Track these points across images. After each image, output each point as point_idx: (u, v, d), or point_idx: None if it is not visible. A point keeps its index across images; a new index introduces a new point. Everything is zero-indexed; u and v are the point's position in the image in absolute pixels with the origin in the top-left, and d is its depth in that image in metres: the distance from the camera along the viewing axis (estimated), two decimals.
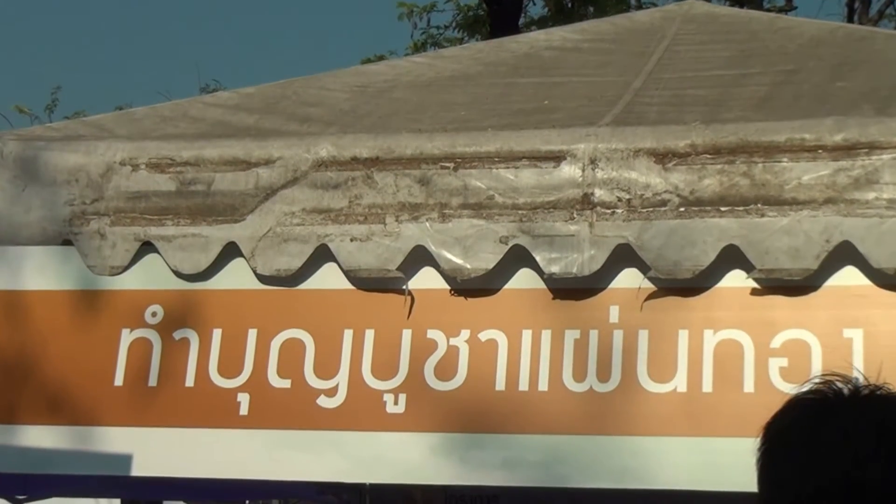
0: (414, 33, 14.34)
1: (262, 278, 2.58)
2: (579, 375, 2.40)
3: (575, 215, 2.41)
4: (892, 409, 1.45)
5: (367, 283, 2.53)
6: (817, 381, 1.48)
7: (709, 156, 2.36)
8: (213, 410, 2.55)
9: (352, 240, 2.51)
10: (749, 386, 2.32)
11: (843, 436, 1.41)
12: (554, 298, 2.45)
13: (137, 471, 2.58)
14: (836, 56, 3.10)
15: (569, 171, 2.43)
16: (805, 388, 1.48)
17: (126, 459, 2.58)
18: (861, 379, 1.48)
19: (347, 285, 2.55)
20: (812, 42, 3.27)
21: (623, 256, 2.39)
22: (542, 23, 12.60)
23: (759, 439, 1.48)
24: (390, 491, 5.47)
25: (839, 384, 1.46)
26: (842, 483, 1.38)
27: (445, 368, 2.47)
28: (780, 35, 3.36)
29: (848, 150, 2.30)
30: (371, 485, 5.35)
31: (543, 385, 2.41)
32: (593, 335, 2.42)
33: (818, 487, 1.39)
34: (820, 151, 2.31)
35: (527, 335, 2.45)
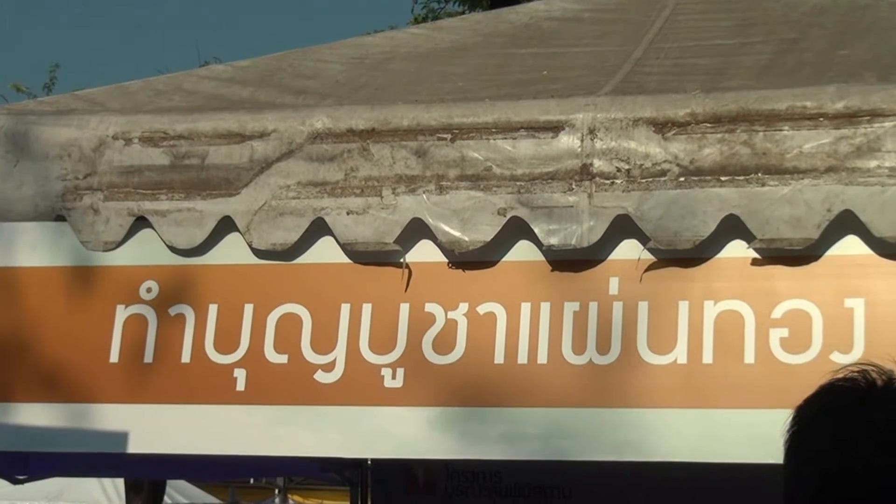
0: (415, 7, 14.27)
1: (258, 252, 2.55)
2: (579, 348, 2.38)
3: (574, 186, 2.38)
4: None
5: (364, 256, 2.51)
6: (853, 368, 1.50)
7: (709, 125, 2.33)
8: (209, 386, 2.53)
9: (348, 213, 2.48)
10: (750, 357, 2.30)
11: (869, 426, 1.43)
12: (553, 270, 2.43)
13: (134, 448, 2.57)
14: (839, 24, 3.06)
15: (567, 141, 2.40)
16: (840, 375, 1.50)
17: (122, 436, 2.56)
18: None
19: (344, 259, 2.52)
20: (815, 10, 3.22)
21: (622, 227, 2.36)
22: None
23: (789, 420, 1.51)
24: (391, 467, 5.48)
25: (873, 374, 1.49)
26: (866, 466, 1.41)
27: (444, 342, 2.44)
28: (783, 3, 3.32)
29: (850, 117, 2.26)
30: (372, 461, 5.36)
31: (543, 358, 2.39)
32: (593, 307, 2.39)
33: (844, 467, 1.42)
34: (821, 119, 2.28)
35: (526, 308, 2.42)
